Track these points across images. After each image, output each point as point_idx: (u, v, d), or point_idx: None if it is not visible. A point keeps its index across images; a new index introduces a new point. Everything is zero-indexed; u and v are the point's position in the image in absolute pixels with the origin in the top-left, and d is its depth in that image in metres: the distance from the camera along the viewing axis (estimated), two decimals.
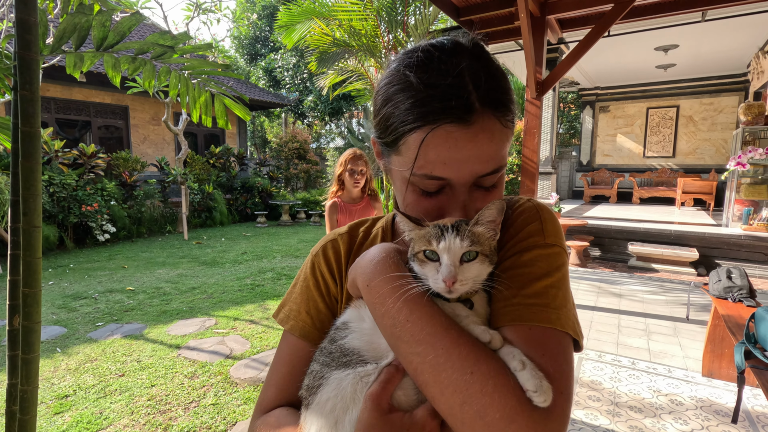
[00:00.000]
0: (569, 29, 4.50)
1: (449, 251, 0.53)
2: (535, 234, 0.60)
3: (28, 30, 1.19)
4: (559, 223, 0.63)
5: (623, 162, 11.53)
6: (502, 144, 0.57)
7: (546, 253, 0.58)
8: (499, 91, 0.56)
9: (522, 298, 0.54)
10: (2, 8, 5.89)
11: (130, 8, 5.87)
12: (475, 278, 0.54)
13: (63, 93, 9.75)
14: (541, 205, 0.64)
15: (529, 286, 0.55)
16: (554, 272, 0.56)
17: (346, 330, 0.61)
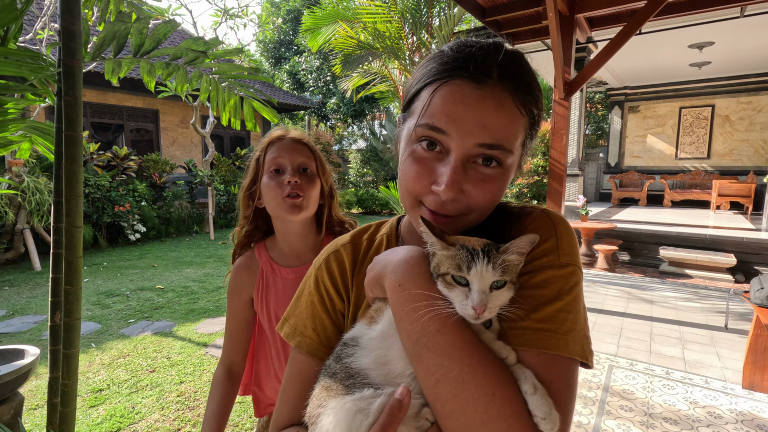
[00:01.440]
0: (598, 28, 4.38)
1: (481, 279, 0.51)
2: (549, 252, 0.58)
3: (72, 39, 1.24)
4: (574, 236, 0.61)
5: (654, 163, 11.14)
6: (511, 123, 0.55)
7: (559, 274, 0.56)
8: (522, 76, 0.56)
9: (532, 322, 0.53)
10: (43, 18, 6.18)
11: (161, 15, 6.07)
12: (503, 304, 0.53)
13: (98, 98, 10.16)
14: (557, 218, 0.61)
15: (539, 310, 0.54)
16: (566, 294, 0.55)
17: (354, 347, 0.58)
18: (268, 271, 1.21)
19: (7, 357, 2.00)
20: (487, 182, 0.56)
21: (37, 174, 6.55)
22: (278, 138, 1.19)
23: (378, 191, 13.94)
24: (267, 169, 1.15)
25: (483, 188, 0.56)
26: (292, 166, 1.14)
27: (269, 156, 1.16)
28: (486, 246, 0.54)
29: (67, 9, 1.23)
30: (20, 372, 1.84)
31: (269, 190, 1.12)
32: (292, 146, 1.17)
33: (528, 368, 0.51)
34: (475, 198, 0.57)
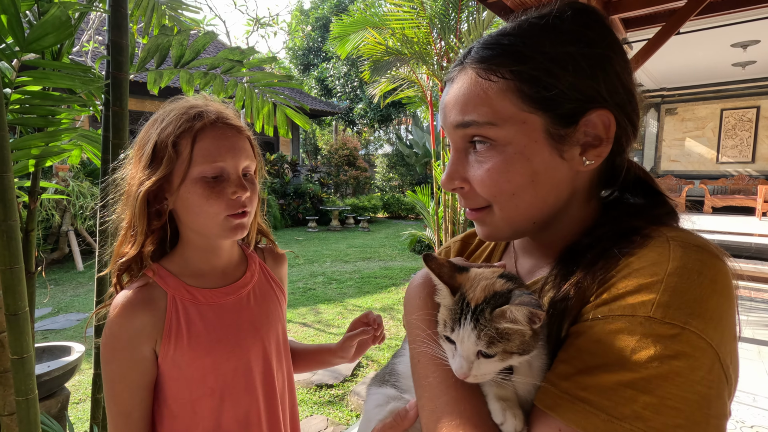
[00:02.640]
0: (634, 29, 4.25)
1: (462, 344, 0.45)
2: (638, 294, 0.41)
3: (120, 52, 1.30)
4: (708, 289, 0.41)
5: (693, 168, 10.67)
6: (480, 95, 0.51)
7: (642, 332, 0.39)
8: (489, 46, 0.52)
9: (573, 386, 0.41)
10: (89, 31, 6.53)
11: (197, 26, 6.31)
12: (497, 371, 0.45)
13: (136, 105, 10.62)
14: (680, 246, 0.44)
15: (590, 374, 0.40)
16: (645, 366, 0.38)
17: (402, 350, 0.63)
18: (185, 300, 0.84)
19: (55, 353, 2.11)
20: (481, 163, 0.52)
21: (81, 178, 6.91)
22: (210, 123, 0.80)
23: (404, 195, 13.94)
24: (198, 171, 0.78)
25: (479, 170, 0.52)
26: (237, 171, 0.82)
27: (200, 150, 0.79)
28: (483, 303, 0.45)
29: (116, 24, 1.30)
30: (67, 368, 1.94)
31: (204, 203, 0.79)
32: (234, 139, 0.83)
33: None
34: (479, 186, 0.53)
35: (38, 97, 1.23)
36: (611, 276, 0.45)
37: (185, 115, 0.80)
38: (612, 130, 0.51)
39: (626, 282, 0.43)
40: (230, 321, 0.87)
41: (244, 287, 0.92)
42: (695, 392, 0.37)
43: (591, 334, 0.42)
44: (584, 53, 0.49)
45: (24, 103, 1.22)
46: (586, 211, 0.57)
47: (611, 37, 0.52)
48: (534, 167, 0.51)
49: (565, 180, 0.53)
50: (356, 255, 7.86)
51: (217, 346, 0.84)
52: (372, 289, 5.73)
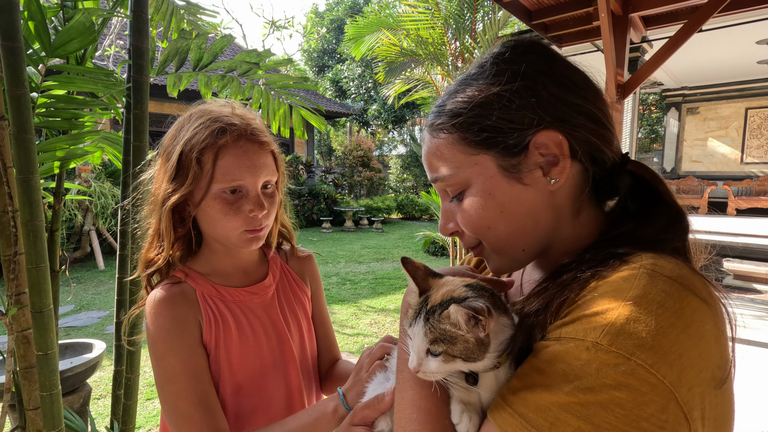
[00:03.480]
0: (655, 26, 4.16)
1: (414, 339, 0.49)
2: (595, 319, 0.41)
3: (140, 56, 1.33)
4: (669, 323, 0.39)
5: (715, 169, 10.38)
6: (432, 154, 0.58)
7: (586, 358, 0.39)
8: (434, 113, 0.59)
9: (517, 400, 0.43)
10: (110, 35, 6.70)
11: (214, 30, 6.41)
12: (446, 373, 0.48)
13: (156, 108, 10.85)
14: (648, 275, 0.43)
15: (533, 391, 0.42)
16: (584, 391, 0.38)
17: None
18: (213, 297, 0.86)
19: (77, 350, 2.17)
20: (458, 207, 0.58)
21: (102, 179, 7.08)
22: (233, 140, 0.81)
23: (418, 196, 13.90)
24: (218, 186, 0.80)
25: (457, 213, 0.58)
26: (255, 188, 0.83)
27: (221, 168, 0.79)
28: (438, 305, 0.48)
29: (137, 29, 1.33)
30: (89, 365, 1.99)
31: (222, 218, 0.81)
32: (256, 157, 0.83)
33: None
34: (460, 225, 0.58)
35: (63, 100, 1.27)
36: (579, 298, 0.45)
37: (209, 129, 0.80)
38: (564, 146, 0.53)
39: (587, 305, 0.43)
40: (257, 321, 0.89)
41: (269, 288, 0.94)
42: (640, 428, 0.36)
43: (544, 353, 0.43)
44: (508, 89, 0.53)
45: (49, 107, 1.26)
46: (578, 226, 0.58)
47: (543, 62, 0.55)
48: (498, 200, 0.54)
49: (539, 203, 0.55)
50: (370, 256, 7.87)
51: (245, 344, 0.86)
52: (386, 290, 5.72)
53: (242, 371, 0.86)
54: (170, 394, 0.77)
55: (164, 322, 0.79)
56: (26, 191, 0.99)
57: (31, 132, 0.98)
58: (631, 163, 0.57)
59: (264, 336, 0.89)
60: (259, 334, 0.89)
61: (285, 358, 0.91)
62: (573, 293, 0.46)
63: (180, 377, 0.78)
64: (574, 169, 0.55)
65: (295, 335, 0.95)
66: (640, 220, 0.54)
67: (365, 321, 4.58)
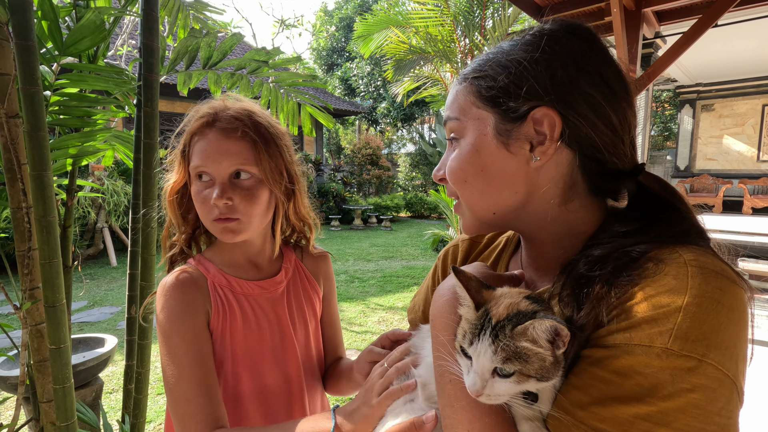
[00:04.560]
0: (668, 21, 4.09)
1: (477, 359, 0.44)
2: (655, 325, 0.40)
3: (151, 54, 1.35)
4: (725, 319, 0.40)
5: (731, 167, 10.18)
6: (454, 95, 0.60)
7: (659, 365, 0.39)
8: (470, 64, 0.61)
9: (589, 416, 0.40)
10: (123, 35, 6.79)
11: (224, 28, 6.47)
12: (512, 395, 0.43)
13: (167, 107, 10.96)
14: (700, 273, 0.42)
15: (607, 405, 0.40)
16: (662, 399, 0.38)
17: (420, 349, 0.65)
18: (223, 287, 0.87)
19: (90, 344, 2.20)
20: (449, 155, 0.60)
21: (115, 177, 7.19)
22: (206, 124, 0.82)
23: (427, 195, 13.87)
24: (192, 171, 0.83)
25: (449, 160, 0.59)
26: (221, 176, 0.81)
27: (195, 151, 0.82)
28: (505, 320, 0.44)
29: (148, 27, 1.34)
30: (101, 359, 2.02)
31: (198, 205, 0.83)
32: (221, 143, 0.81)
33: None
34: (446, 173, 0.60)
35: (75, 98, 1.29)
36: (625, 300, 0.43)
37: (196, 114, 0.84)
38: (557, 129, 0.52)
39: (643, 309, 0.42)
40: (263, 316, 0.90)
41: (279, 284, 0.94)
42: (714, 423, 0.37)
43: (607, 363, 0.41)
44: (530, 57, 0.53)
45: (62, 105, 1.28)
46: (569, 214, 0.57)
47: (578, 46, 0.54)
48: (483, 159, 0.56)
49: (519, 176, 0.55)
50: (379, 254, 7.87)
51: (250, 337, 0.87)
52: (394, 288, 5.73)
53: (243, 362, 0.86)
54: (172, 374, 0.78)
55: (173, 304, 0.81)
56: (39, 188, 1.00)
57: (44, 129, 1.00)
58: (643, 175, 0.55)
59: (268, 331, 0.89)
60: (264, 329, 0.89)
61: (287, 355, 0.91)
62: (618, 297, 0.44)
63: (183, 359, 0.78)
64: (563, 156, 0.54)
65: (300, 334, 0.95)
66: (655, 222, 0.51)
67: (373, 319, 4.59)
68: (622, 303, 0.44)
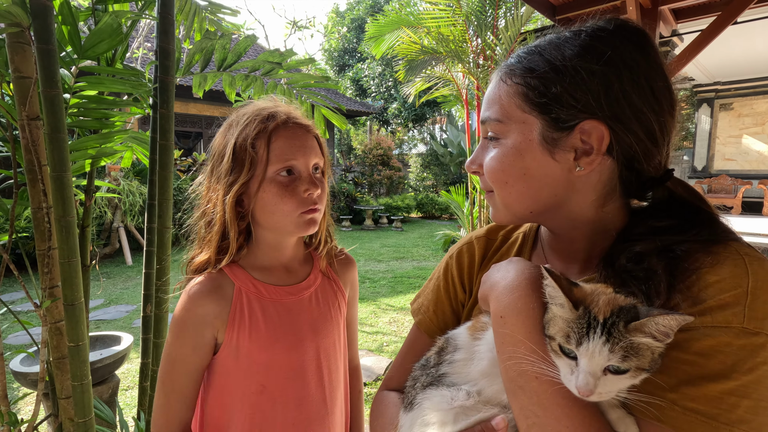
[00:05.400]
0: (686, 19, 4.01)
1: (591, 359, 0.43)
2: (729, 308, 0.44)
3: (167, 56, 1.37)
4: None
5: (750, 167, 9.94)
6: (497, 97, 0.59)
7: (739, 343, 0.43)
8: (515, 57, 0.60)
9: (681, 397, 0.43)
10: (138, 38, 6.91)
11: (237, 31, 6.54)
12: (620, 391, 0.44)
13: (181, 108, 11.13)
14: (755, 264, 0.46)
15: (697, 384, 0.43)
16: (744, 373, 0.42)
17: (456, 350, 0.61)
18: (251, 294, 0.88)
19: (106, 342, 2.24)
20: (489, 155, 0.60)
21: (131, 178, 7.31)
22: (282, 123, 0.85)
23: (438, 195, 13.83)
24: (273, 168, 0.83)
25: (486, 159, 0.60)
26: (307, 169, 0.86)
27: (275, 148, 0.83)
28: (612, 316, 0.44)
29: (164, 30, 1.36)
30: (118, 356, 2.06)
31: (279, 202, 0.83)
32: (303, 140, 0.86)
33: None
34: (484, 170, 0.61)
35: (94, 101, 1.31)
36: (691, 287, 0.47)
37: (258, 116, 0.85)
38: (605, 142, 0.53)
39: (712, 294, 0.45)
40: (289, 322, 0.90)
41: (307, 289, 0.95)
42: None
43: (687, 346, 0.45)
44: (588, 67, 0.52)
45: (81, 107, 1.30)
46: (603, 216, 0.59)
47: (634, 55, 0.53)
48: (525, 163, 0.56)
49: (561, 181, 0.56)
50: (389, 254, 7.87)
51: (275, 345, 0.88)
52: (405, 288, 5.72)
53: (262, 369, 0.87)
54: (163, 373, 0.86)
55: (185, 316, 0.84)
56: (59, 188, 1.02)
57: (64, 131, 1.02)
58: (672, 180, 0.57)
59: (294, 337, 0.89)
60: (289, 334, 0.89)
61: (304, 360, 0.90)
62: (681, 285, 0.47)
63: (176, 365, 0.85)
64: (606, 165, 0.56)
65: (324, 339, 0.94)
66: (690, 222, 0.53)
67: (384, 319, 4.59)
68: (689, 289, 0.47)
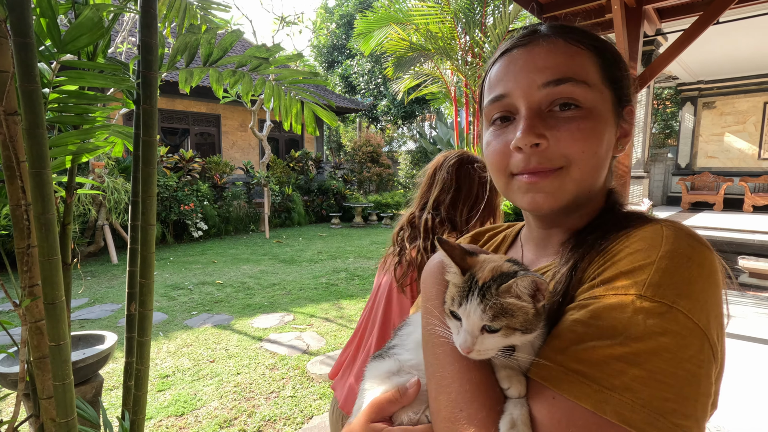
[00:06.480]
0: (669, 19, 4.07)
1: (467, 318, 0.47)
2: (631, 276, 0.44)
3: (149, 51, 1.34)
4: (696, 273, 0.43)
5: (732, 164, 10.17)
6: (572, 57, 0.53)
7: (635, 309, 0.41)
8: (570, 26, 0.57)
9: (567, 358, 0.43)
10: (123, 32, 6.77)
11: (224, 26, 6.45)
12: (499, 348, 0.47)
13: (167, 104, 10.97)
14: (673, 240, 0.45)
15: (584, 347, 0.42)
16: (635, 340, 0.40)
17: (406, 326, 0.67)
18: None
19: (90, 341, 2.21)
20: (572, 123, 0.52)
21: (115, 175, 7.19)
22: None
23: None
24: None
25: (569, 129, 0.52)
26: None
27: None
28: (491, 281, 0.47)
29: (146, 24, 1.34)
30: (101, 356, 2.03)
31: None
32: None
33: (544, 411, 0.43)
34: (562, 142, 0.52)
35: (74, 96, 1.28)
36: (607, 259, 0.48)
37: None
38: (633, 130, 0.57)
39: (621, 264, 0.46)
40: None
41: None
42: (685, 369, 0.39)
43: (585, 311, 0.44)
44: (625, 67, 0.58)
45: (61, 102, 1.27)
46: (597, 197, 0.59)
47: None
48: (606, 136, 0.54)
49: (609, 158, 0.57)
50: (379, 251, 7.87)
51: None
52: None
53: None
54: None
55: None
56: (38, 185, 1.00)
57: (42, 127, 1.00)
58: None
59: None
60: None
61: None
62: (601, 256, 0.49)
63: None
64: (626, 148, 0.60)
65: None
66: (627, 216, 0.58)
67: None
68: (603, 260, 0.48)
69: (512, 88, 0.54)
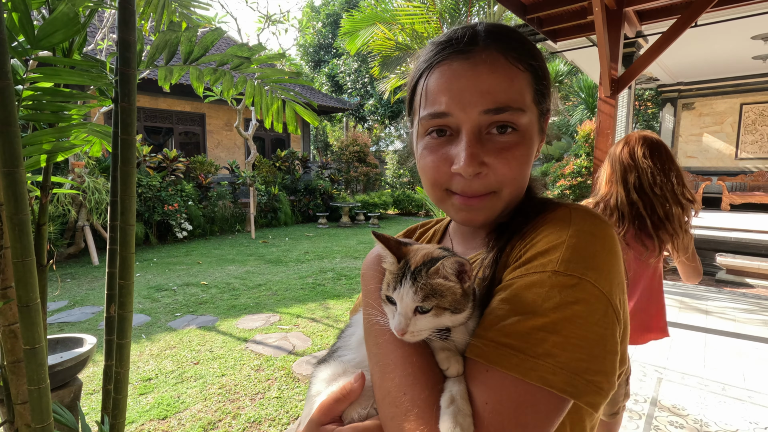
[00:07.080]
0: (649, 21, 4.16)
1: (401, 301, 0.50)
2: (546, 255, 0.49)
3: (127, 48, 1.32)
4: (600, 247, 0.50)
5: (710, 164, 10.43)
6: (511, 81, 0.54)
7: (550, 284, 0.46)
8: (508, 35, 0.57)
9: (496, 334, 0.47)
10: (103, 29, 6.63)
11: (208, 23, 6.36)
12: (432, 329, 0.50)
13: (150, 103, 10.77)
14: (580, 220, 0.52)
15: (510, 322, 0.46)
16: (552, 310, 0.45)
17: (349, 327, 0.68)
18: None
19: (68, 345, 2.16)
20: (508, 150, 0.55)
21: (96, 175, 7.04)
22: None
23: (414, 192, 13.90)
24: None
25: (505, 157, 0.55)
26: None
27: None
28: (422, 265, 0.51)
29: (124, 20, 1.31)
30: (79, 359, 1.98)
31: None
32: None
33: (479, 384, 0.46)
34: (500, 170, 0.55)
35: (49, 93, 1.25)
36: (527, 242, 0.53)
37: None
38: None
39: (539, 245, 0.51)
40: None
41: None
42: (593, 332, 0.45)
43: (510, 290, 0.49)
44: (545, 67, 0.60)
45: (36, 100, 1.24)
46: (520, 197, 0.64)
47: None
48: (534, 152, 0.59)
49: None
50: (366, 251, 7.87)
51: None
52: None
53: None
54: None
55: None
56: (11, 184, 0.98)
57: (15, 124, 0.97)
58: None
59: None
60: None
61: None
62: (521, 240, 0.54)
63: None
64: None
65: None
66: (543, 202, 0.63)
67: None
68: (523, 245, 0.53)
69: (455, 110, 0.55)
